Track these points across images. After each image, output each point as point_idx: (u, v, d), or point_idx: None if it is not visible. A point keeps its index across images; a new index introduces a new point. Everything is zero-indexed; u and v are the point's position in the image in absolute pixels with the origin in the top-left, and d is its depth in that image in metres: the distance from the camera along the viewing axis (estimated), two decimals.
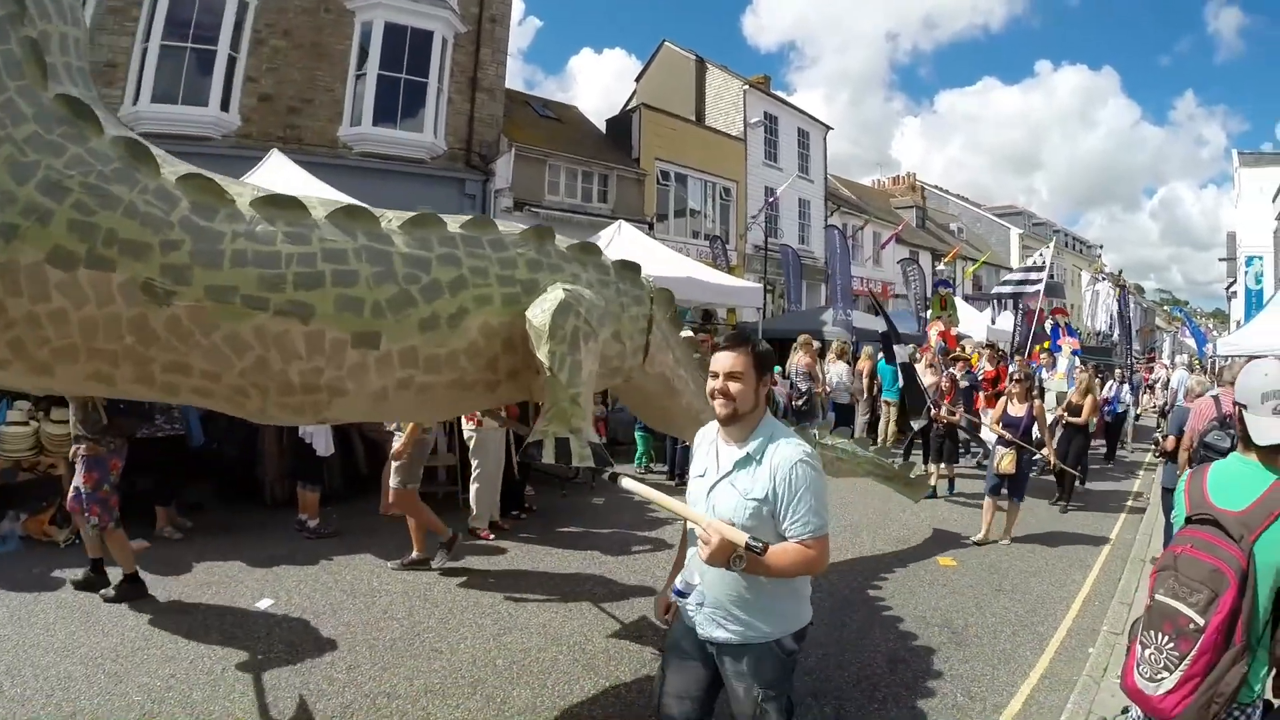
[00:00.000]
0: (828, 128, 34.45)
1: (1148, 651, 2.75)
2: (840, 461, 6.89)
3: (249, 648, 5.03)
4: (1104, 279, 31.76)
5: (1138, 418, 20.49)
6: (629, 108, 28.22)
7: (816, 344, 15.09)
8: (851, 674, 5.30)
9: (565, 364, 3.73)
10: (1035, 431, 9.48)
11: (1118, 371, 18.16)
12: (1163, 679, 2.66)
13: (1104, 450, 16.42)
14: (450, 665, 5.00)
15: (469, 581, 6.63)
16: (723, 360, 2.90)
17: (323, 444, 7.67)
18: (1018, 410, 9.33)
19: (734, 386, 2.86)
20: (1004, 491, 8.95)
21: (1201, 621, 2.57)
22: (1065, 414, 11.92)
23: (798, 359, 14.27)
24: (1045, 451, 9.69)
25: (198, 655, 4.89)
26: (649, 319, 4.60)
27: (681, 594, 2.95)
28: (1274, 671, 2.76)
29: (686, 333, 5.21)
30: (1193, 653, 2.58)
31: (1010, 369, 13.68)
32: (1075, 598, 7.21)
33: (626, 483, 3.14)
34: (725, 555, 2.66)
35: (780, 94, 34.14)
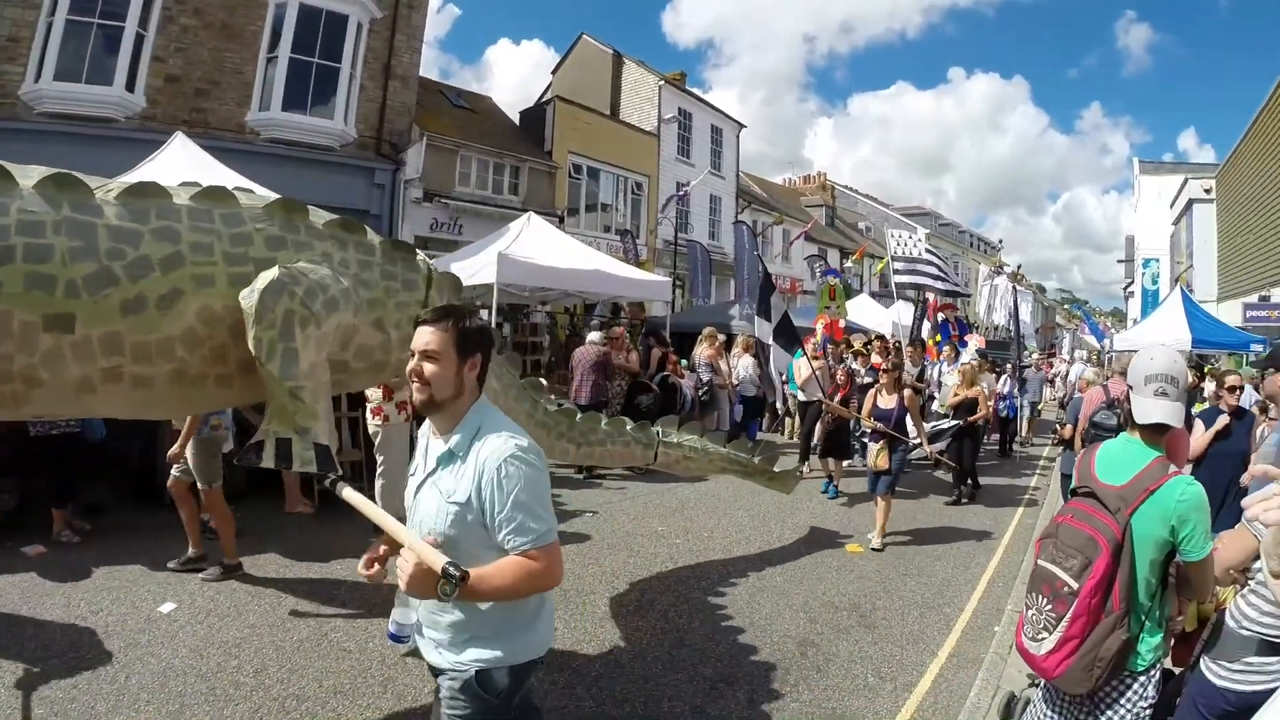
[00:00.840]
0: (741, 125, 34.77)
1: (1030, 612, 2.94)
2: (689, 460, 6.65)
3: (153, 653, 4.89)
4: (1002, 274, 32.12)
5: (1039, 412, 20.38)
6: (544, 100, 28.12)
7: (722, 337, 15.24)
8: (763, 659, 5.44)
9: (276, 353, 3.37)
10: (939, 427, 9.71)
11: (1009, 367, 17.58)
12: (1043, 639, 2.84)
13: (999, 447, 16.08)
14: (360, 664, 4.95)
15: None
16: (418, 337, 2.50)
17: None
18: (887, 402, 8.95)
19: (429, 368, 2.46)
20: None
21: (1075, 585, 2.75)
22: (953, 413, 11.52)
23: (701, 351, 14.42)
24: (927, 447, 9.56)
25: (100, 664, 4.73)
26: (424, 306, 4.09)
27: (396, 638, 2.56)
28: (1173, 641, 2.94)
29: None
30: (1068, 615, 2.75)
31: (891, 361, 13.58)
32: (979, 579, 7.55)
33: (346, 493, 2.81)
34: (427, 584, 2.27)
35: (696, 91, 34.32)
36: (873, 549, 8.30)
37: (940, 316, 18.80)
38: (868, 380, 12.08)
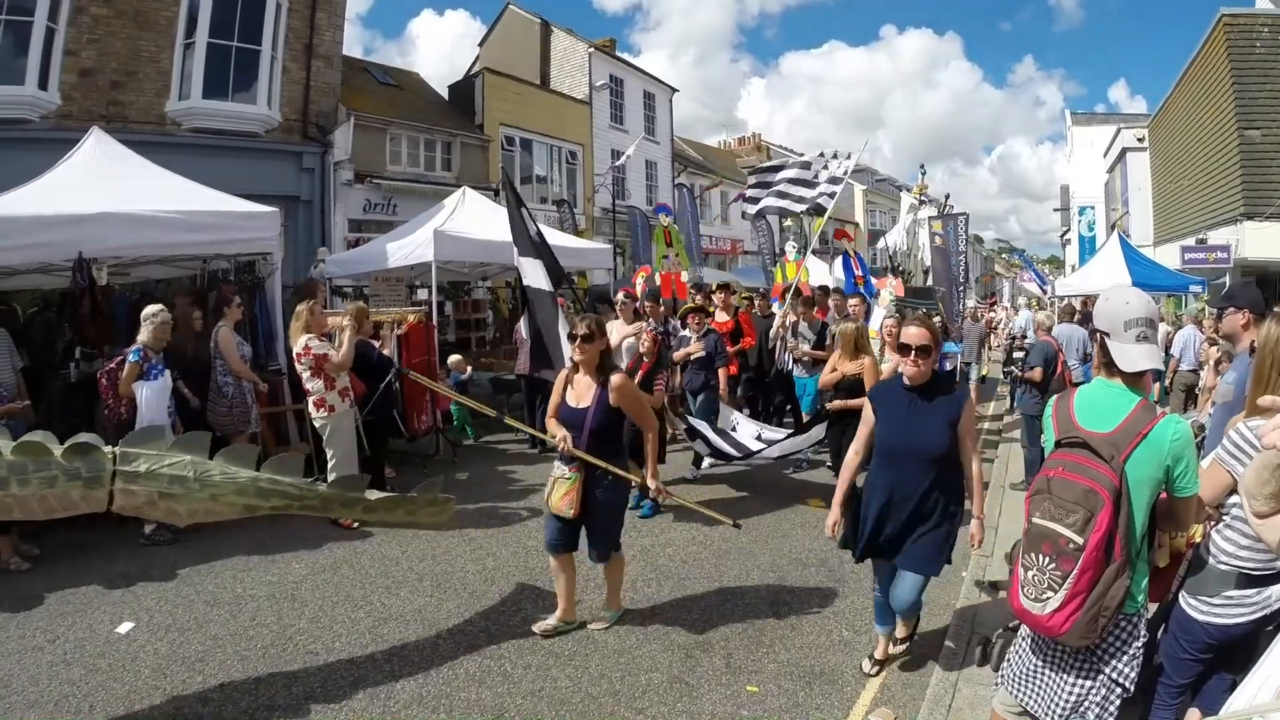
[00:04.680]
0: (673, 90, 34.64)
1: (1030, 573, 2.83)
2: (171, 498, 4.14)
3: (116, 678, 4.71)
4: (927, 203, 29.10)
5: (983, 379, 16.05)
6: (472, 73, 27.77)
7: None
8: (736, 622, 5.46)
9: None
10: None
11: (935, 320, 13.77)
12: (1048, 598, 2.75)
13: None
14: (328, 666, 4.85)
15: (337, 575, 6.42)
16: None
17: None
18: (581, 396, 5.17)
19: None
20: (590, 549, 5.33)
21: (1080, 540, 2.66)
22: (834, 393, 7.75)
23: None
24: (653, 484, 5.37)
25: (62, 695, 4.53)
26: None
27: None
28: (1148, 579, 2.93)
29: None
30: (1075, 571, 2.67)
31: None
32: None
33: None
34: None
35: (626, 56, 34.24)
36: (541, 632, 5.29)
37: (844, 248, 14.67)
38: (700, 352, 9.41)
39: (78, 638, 5.26)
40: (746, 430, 9.03)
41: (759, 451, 8.28)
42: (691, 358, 9.43)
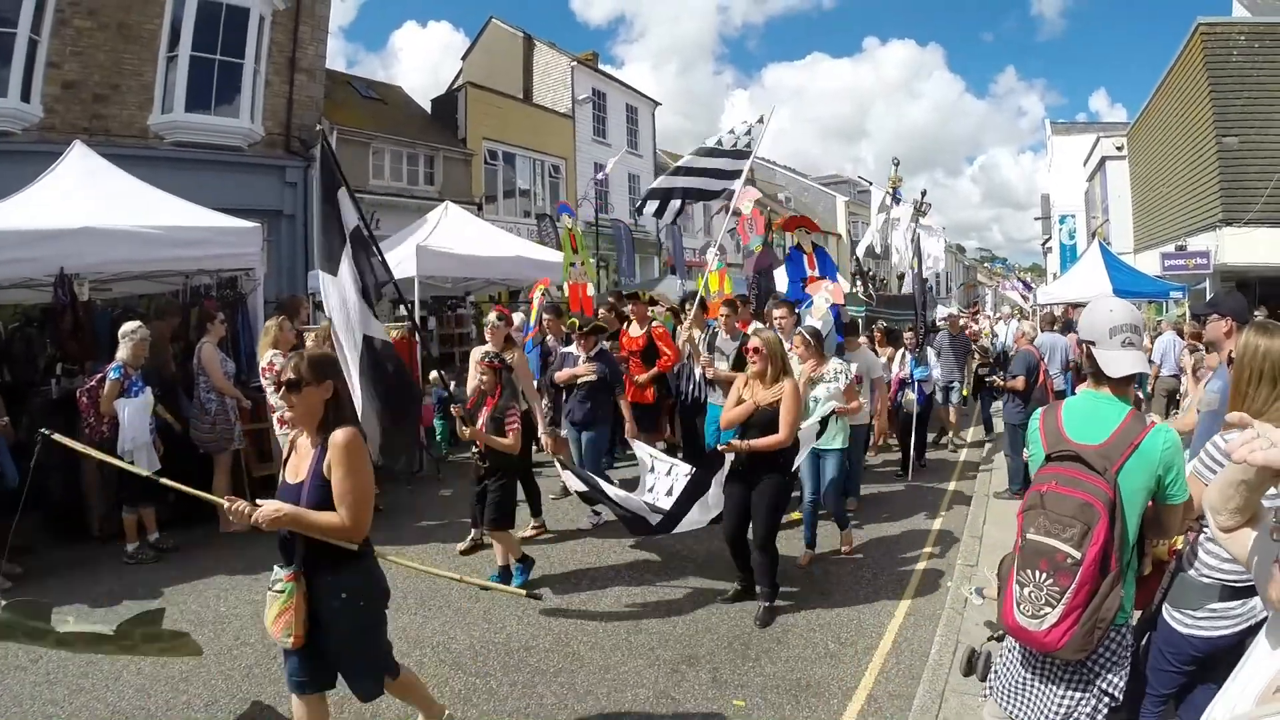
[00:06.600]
0: (656, 103, 34.83)
1: (1026, 590, 2.81)
2: None
3: (99, 698, 4.68)
4: (902, 202, 26.50)
5: (964, 399, 14.24)
6: (455, 87, 27.82)
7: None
8: (722, 636, 5.46)
9: None
10: None
11: (908, 336, 11.49)
12: (1046, 614, 2.73)
13: (900, 465, 10.57)
14: None
15: None
16: None
17: (145, 461, 7.14)
18: (299, 467, 3.56)
19: None
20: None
21: (1078, 555, 2.65)
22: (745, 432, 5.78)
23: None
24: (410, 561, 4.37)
25: (45, 715, 4.50)
26: None
27: None
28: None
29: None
30: (1073, 586, 2.66)
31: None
32: (926, 538, 7.65)
33: None
34: None
35: (608, 69, 34.34)
36: None
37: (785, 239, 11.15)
38: (589, 376, 7.68)
39: (61, 657, 5.17)
40: (660, 481, 6.81)
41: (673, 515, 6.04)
42: (579, 382, 7.74)
